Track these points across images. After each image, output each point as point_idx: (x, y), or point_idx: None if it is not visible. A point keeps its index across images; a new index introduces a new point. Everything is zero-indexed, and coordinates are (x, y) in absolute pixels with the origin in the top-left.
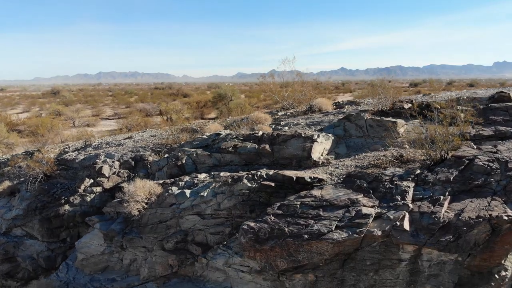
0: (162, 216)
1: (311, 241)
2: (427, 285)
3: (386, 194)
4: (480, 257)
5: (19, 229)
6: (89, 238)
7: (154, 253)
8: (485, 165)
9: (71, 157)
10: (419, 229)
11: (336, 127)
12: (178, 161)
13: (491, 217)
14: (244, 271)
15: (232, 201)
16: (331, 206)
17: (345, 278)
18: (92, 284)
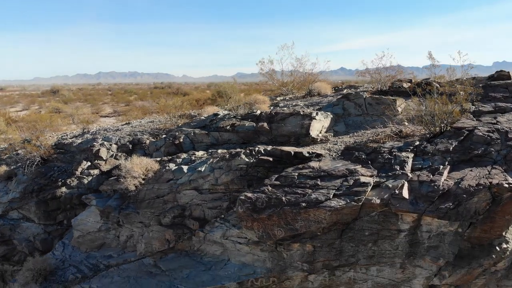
0: (159, 191)
1: (309, 209)
2: (427, 256)
3: (384, 164)
4: (481, 228)
5: (16, 212)
6: (86, 215)
7: (151, 229)
8: (485, 135)
9: (68, 141)
10: (418, 198)
11: (335, 106)
12: (175, 140)
13: (491, 184)
14: (241, 242)
15: (229, 176)
16: (329, 176)
17: (343, 249)
18: (88, 261)
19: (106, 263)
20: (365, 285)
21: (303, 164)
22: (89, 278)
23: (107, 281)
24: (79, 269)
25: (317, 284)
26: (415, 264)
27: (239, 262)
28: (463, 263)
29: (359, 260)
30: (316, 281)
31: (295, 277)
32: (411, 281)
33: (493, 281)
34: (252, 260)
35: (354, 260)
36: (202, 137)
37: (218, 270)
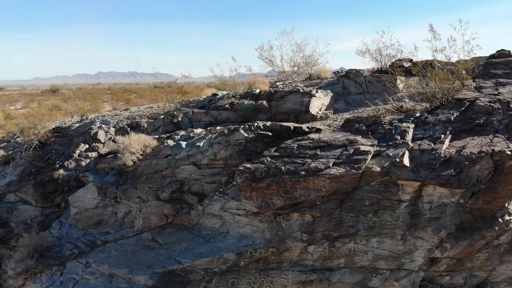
0: (158, 166)
1: (308, 178)
2: (428, 228)
3: (385, 134)
4: (483, 198)
5: (13, 194)
6: (83, 192)
7: (149, 204)
8: (487, 105)
9: (66, 125)
10: (419, 165)
11: (335, 85)
12: (174, 119)
13: (493, 152)
14: (240, 214)
15: (228, 151)
16: (328, 146)
17: (343, 219)
18: (85, 237)
19: (103, 239)
20: (366, 257)
21: (303, 136)
22: (86, 254)
23: (104, 255)
24: (76, 245)
25: (316, 256)
26: (416, 235)
27: (238, 234)
28: (465, 235)
29: (359, 231)
30: (316, 252)
31: (294, 248)
32: (412, 253)
33: (496, 255)
34: (251, 231)
35: (354, 230)
36: (201, 116)
37: (217, 242)
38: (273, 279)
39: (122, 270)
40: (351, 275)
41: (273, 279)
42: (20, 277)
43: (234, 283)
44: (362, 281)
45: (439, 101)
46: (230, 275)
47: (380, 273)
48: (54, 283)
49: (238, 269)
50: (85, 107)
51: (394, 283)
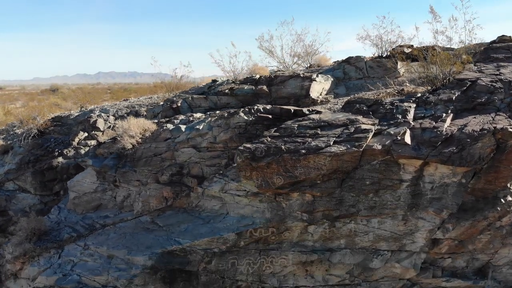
0: (157, 149)
1: (309, 156)
2: (430, 208)
3: (386, 114)
4: (485, 178)
5: (11, 183)
6: (82, 176)
7: (148, 187)
8: (488, 84)
9: (65, 114)
10: (421, 143)
11: (336, 70)
12: (173, 104)
13: (495, 129)
14: (240, 195)
15: (228, 133)
16: (329, 126)
17: (343, 198)
18: (83, 221)
19: (102, 223)
20: (366, 238)
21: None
22: (85, 237)
23: (103, 238)
24: (75, 229)
25: (317, 236)
26: (417, 216)
27: (238, 215)
28: (467, 215)
29: (360, 211)
30: (316, 232)
31: (294, 228)
32: (413, 234)
33: (498, 238)
34: (251, 212)
35: (355, 210)
36: (200, 101)
37: (217, 223)
38: (273, 259)
39: (121, 251)
40: (351, 256)
41: (273, 259)
42: (17, 261)
43: (234, 263)
44: (363, 262)
45: (440, 83)
46: (230, 255)
47: (381, 254)
48: (52, 266)
49: (238, 249)
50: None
51: (395, 265)
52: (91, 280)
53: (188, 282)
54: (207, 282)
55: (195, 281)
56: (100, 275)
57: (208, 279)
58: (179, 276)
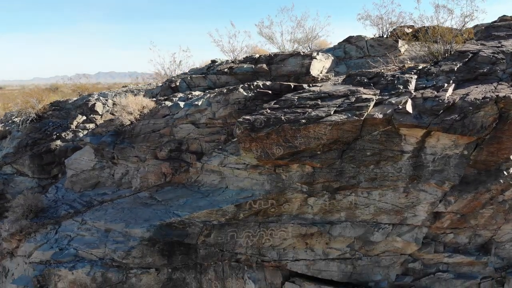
0: (155, 126)
1: (309, 125)
2: (431, 180)
3: (387, 85)
4: (487, 150)
5: (9, 166)
6: (80, 154)
7: (147, 163)
8: (490, 55)
9: (64, 99)
10: (422, 112)
11: (336, 49)
12: (171, 84)
13: (498, 98)
14: (239, 168)
15: (227, 109)
16: (330, 97)
17: (344, 170)
18: (81, 199)
19: (100, 200)
20: (367, 211)
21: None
22: (82, 213)
23: (101, 213)
24: (72, 206)
25: (316, 209)
26: (419, 188)
27: (237, 188)
28: (469, 188)
29: (361, 183)
30: (316, 205)
31: (294, 200)
32: (415, 207)
33: (501, 213)
34: (251, 184)
35: (355, 182)
36: (199, 80)
37: (216, 197)
38: (273, 232)
39: (118, 225)
40: (352, 229)
41: (273, 232)
42: (14, 238)
43: (233, 236)
44: (364, 235)
45: (441, 56)
46: (229, 228)
47: (382, 227)
48: (48, 241)
49: (237, 222)
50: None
51: (396, 238)
52: (88, 253)
53: (187, 256)
54: (206, 255)
55: (194, 254)
56: (97, 248)
57: (207, 252)
58: (177, 249)
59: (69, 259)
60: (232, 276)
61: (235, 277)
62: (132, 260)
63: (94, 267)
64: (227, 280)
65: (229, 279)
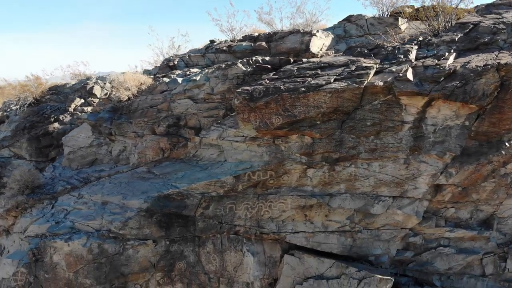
0: (153, 101)
1: (308, 94)
2: (432, 151)
3: (388, 55)
4: (489, 120)
5: (7, 150)
6: (77, 131)
7: (145, 138)
8: (491, 26)
9: (62, 83)
10: (423, 80)
11: (336, 28)
12: (170, 62)
13: (499, 65)
14: (238, 141)
15: (226, 84)
16: (330, 66)
17: (343, 140)
18: (78, 176)
19: (97, 176)
20: (367, 182)
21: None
22: (79, 188)
23: (98, 188)
24: (69, 182)
25: (316, 181)
26: (419, 159)
27: (236, 160)
28: (471, 159)
29: (360, 153)
30: (315, 177)
31: (293, 171)
32: (415, 179)
33: (503, 187)
34: (249, 157)
35: (355, 152)
36: (198, 59)
37: (214, 169)
38: (272, 203)
39: (115, 197)
40: (352, 201)
41: (272, 203)
42: (9, 214)
43: (231, 208)
44: (364, 207)
45: (442, 28)
46: (228, 200)
47: (382, 199)
48: (44, 216)
49: (236, 194)
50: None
51: (397, 211)
52: (84, 225)
53: (185, 228)
54: (204, 228)
55: (192, 227)
56: (93, 220)
57: (205, 225)
58: (175, 221)
59: (65, 231)
60: (230, 248)
61: (233, 249)
62: (129, 231)
63: (90, 238)
64: (225, 253)
65: (227, 251)
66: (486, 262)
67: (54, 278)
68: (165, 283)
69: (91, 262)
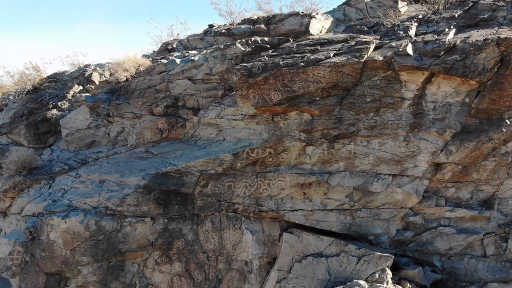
0: (151, 82)
1: (307, 68)
2: (432, 128)
3: (387, 32)
4: (489, 97)
5: (5, 137)
6: (75, 114)
7: (143, 119)
8: (491, 3)
9: (60, 71)
10: (423, 54)
11: (336, 12)
12: (168, 46)
13: (499, 39)
14: (236, 119)
15: (224, 64)
16: (329, 42)
17: (343, 116)
18: (76, 157)
19: (95, 157)
20: (366, 160)
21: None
22: (77, 169)
23: (95, 167)
24: (67, 163)
25: (315, 159)
26: (419, 137)
27: (234, 139)
28: (471, 137)
29: (360, 130)
30: (314, 154)
31: (292, 148)
32: (415, 156)
33: (504, 167)
34: (248, 135)
35: (355, 129)
36: (196, 42)
37: (213, 148)
38: (270, 181)
39: (113, 175)
40: (351, 179)
41: (270, 181)
42: (7, 196)
43: (230, 186)
44: (363, 185)
45: (442, 6)
46: (227, 178)
47: (381, 178)
48: (42, 195)
49: (235, 172)
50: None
51: (396, 190)
52: (81, 203)
53: (183, 206)
54: (203, 206)
55: (191, 205)
56: (91, 198)
57: (204, 203)
58: (174, 199)
59: (62, 209)
60: (229, 227)
61: (232, 228)
62: (126, 208)
63: (87, 215)
64: (224, 231)
65: (226, 230)
66: (487, 243)
67: (50, 256)
68: (163, 262)
69: (88, 240)
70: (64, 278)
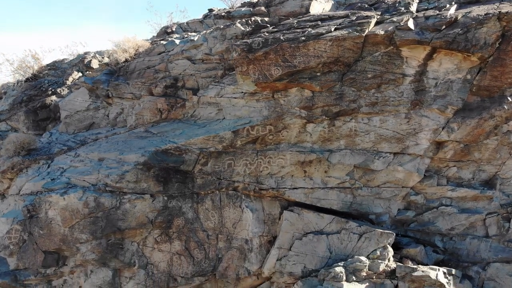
0: (150, 63)
1: (308, 43)
2: (433, 105)
3: (389, 8)
4: (490, 74)
5: (4, 123)
6: (74, 96)
7: (142, 99)
8: None
9: (60, 59)
10: (425, 29)
11: None
12: (167, 29)
13: (500, 13)
14: (236, 97)
15: (224, 44)
16: (330, 18)
17: (344, 93)
18: (75, 139)
19: (94, 138)
20: (367, 138)
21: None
22: (76, 149)
23: (94, 147)
24: (66, 145)
25: (315, 137)
26: (421, 114)
27: (234, 117)
28: (473, 114)
29: (361, 107)
30: (315, 132)
31: (292, 126)
32: (417, 134)
33: (506, 146)
34: (248, 112)
35: (356, 106)
36: (195, 25)
37: (213, 126)
38: (271, 159)
39: (112, 153)
40: (352, 156)
41: (271, 159)
42: (5, 177)
43: (230, 164)
44: (364, 163)
45: None
46: (227, 156)
47: (382, 156)
48: (40, 174)
49: (235, 150)
50: None
51: (398, 168)
52: (80, 181)
53: (183, 184)
54: (203, 184)
55: (191, 183)
56: (90, 175)
57: (204, 181)
58: (173, 177)
59: (61, 187)
60: (229, 205)
61: (232, 206)
62: (126, 184)
63: (86, 192)
64: (224, 209)
65: (226, 208)
66: (489, 223)
67: (49, 234)
68: (163, 241)
69: (87, 216)
70: (62, 257)
